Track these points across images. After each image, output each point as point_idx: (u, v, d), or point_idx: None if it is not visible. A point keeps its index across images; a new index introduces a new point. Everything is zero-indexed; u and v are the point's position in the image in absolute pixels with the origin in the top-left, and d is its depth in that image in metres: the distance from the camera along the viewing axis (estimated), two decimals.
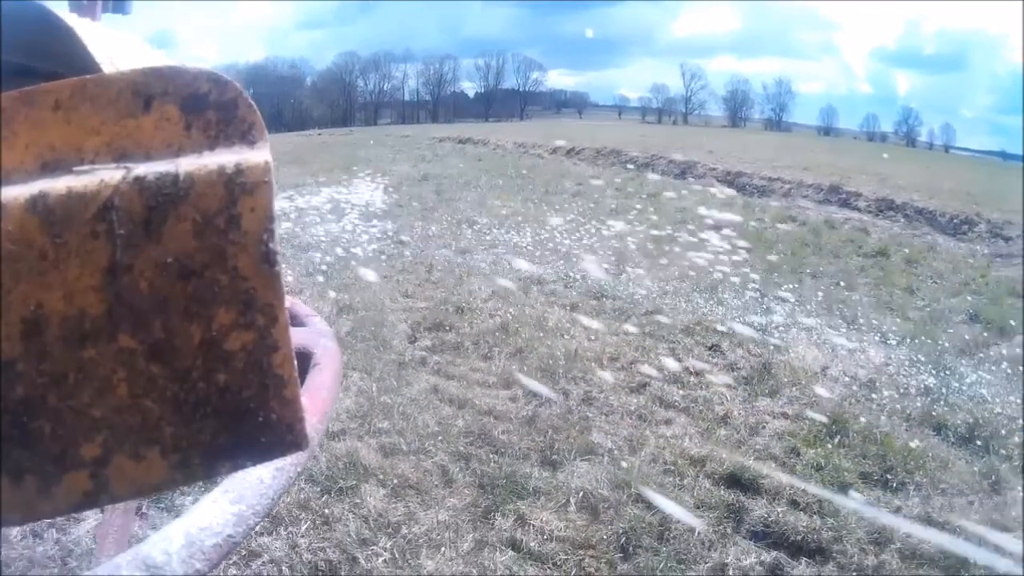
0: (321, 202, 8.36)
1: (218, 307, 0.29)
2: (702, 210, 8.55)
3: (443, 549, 2.04)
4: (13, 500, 0.28)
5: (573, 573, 1.96)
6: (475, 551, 2.04)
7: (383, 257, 6.01)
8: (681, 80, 68.72)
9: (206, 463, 0.30)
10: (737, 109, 66.64)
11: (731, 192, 12.03)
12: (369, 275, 4.98)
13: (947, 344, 4.63)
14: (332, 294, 4.59)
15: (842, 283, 6.03)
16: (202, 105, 0.31)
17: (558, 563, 2.01)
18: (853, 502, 2.59)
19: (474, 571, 1.95)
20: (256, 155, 0.30)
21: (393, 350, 3.64)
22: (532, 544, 2.09)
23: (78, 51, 0.38)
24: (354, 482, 2.36)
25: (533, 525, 2.17)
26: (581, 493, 2.35)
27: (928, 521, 2.55)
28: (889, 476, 2.80)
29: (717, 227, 7.58)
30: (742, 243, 6.55)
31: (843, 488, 2.67)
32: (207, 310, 0.29)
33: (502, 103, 66.80)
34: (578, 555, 2.04)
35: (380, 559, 1.98)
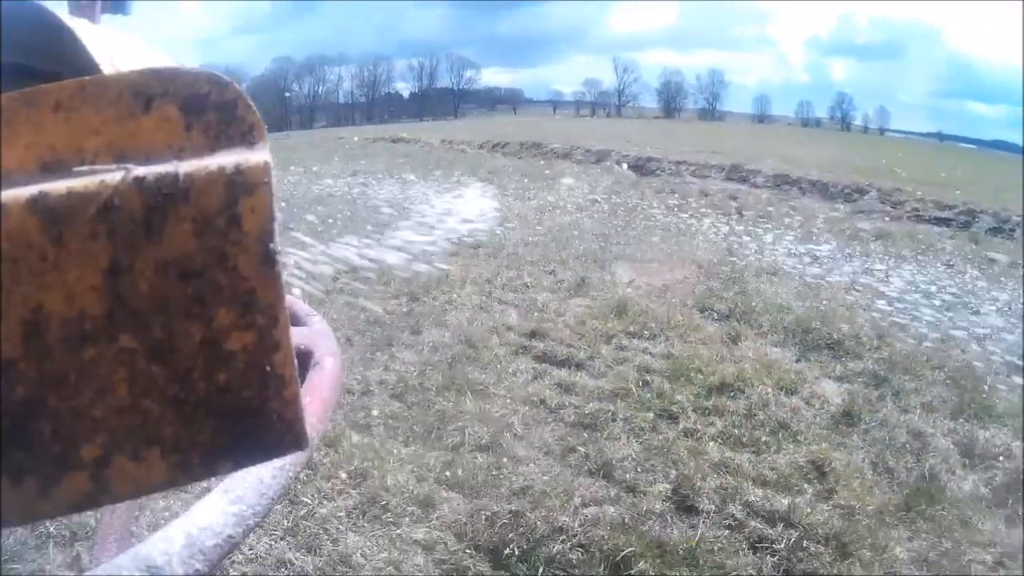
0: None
1: (218, 307, 0.30)
2: (586, 188, 10.18)
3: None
4: (13, 501, 0.28)
5: (415, 374, 3.40)
6: (361, 370, 3.44)
7: None
8: (614, 74, 70.52)
9: (206, 463, 0.31)
10: (671, 100, 67.07)
11: (630, 174, 13.63)
12: None
13: (750, 265, 6.14)
14: None
15: (681, 235, 7.65)
16: (202, 106, 0.31)
17: (409, 372, 3.44)
18: (612, 345, 4.06)
19: (358, 378, 3.35)
20: (256, 156, 0.30)
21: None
22: (396, 367, 3.52)
23: (78, 51, 0.38)
24: None
25: (398, 358, 3.61)
26: (431, 343, 3.80)
27: (667, 356, 3.96)
28: (647, 332, 4.21)
29: (594, 199, 9.22)
30: (606, 208, 8.16)
31: (608, 338, 4.13)
32: (207, 310, 0.29)
33: (437, 102, 66.57)
34: (420, 368, 3.48)
35: None
